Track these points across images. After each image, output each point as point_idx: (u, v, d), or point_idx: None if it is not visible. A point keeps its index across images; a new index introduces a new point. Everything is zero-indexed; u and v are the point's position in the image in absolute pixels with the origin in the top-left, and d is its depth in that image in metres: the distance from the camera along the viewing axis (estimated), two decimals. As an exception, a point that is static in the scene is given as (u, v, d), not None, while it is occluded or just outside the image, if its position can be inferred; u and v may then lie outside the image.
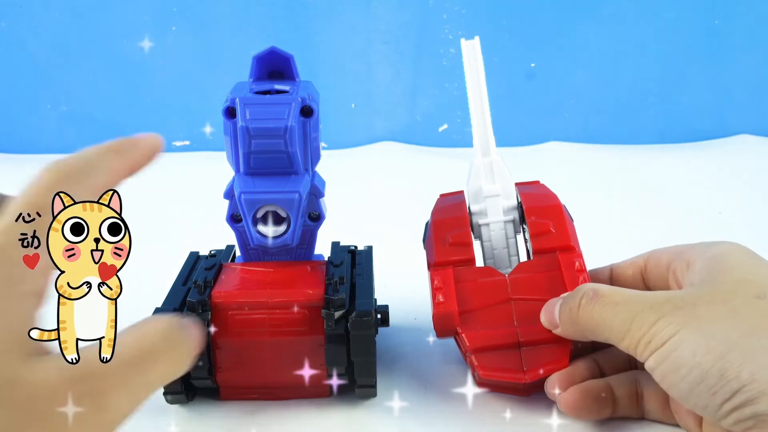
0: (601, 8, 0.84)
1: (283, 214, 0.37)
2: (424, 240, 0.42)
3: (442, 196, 0.44)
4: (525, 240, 0.42)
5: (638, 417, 0.36)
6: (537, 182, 0.44)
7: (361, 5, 0.83)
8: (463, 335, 0.37)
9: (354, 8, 0.83)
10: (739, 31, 0.85)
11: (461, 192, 0.44)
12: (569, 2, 0.83)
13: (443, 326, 0.38)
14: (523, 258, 0.42)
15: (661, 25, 0.85)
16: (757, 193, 0.72)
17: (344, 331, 0.35)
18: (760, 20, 0.85)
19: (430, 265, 0.40)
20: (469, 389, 0.39)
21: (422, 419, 0.37)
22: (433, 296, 0.38)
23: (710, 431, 0.32)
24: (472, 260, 0.40)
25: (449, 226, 0.41)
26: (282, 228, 0.38)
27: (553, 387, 0.35)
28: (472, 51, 0.43)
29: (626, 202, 0.70)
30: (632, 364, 0.37)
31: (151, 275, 0.41)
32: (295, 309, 0.36)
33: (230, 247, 0.43)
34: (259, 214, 0.37)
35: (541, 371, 0.35)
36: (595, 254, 0.42)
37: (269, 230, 0.38)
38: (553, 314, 0.35)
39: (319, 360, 0.36)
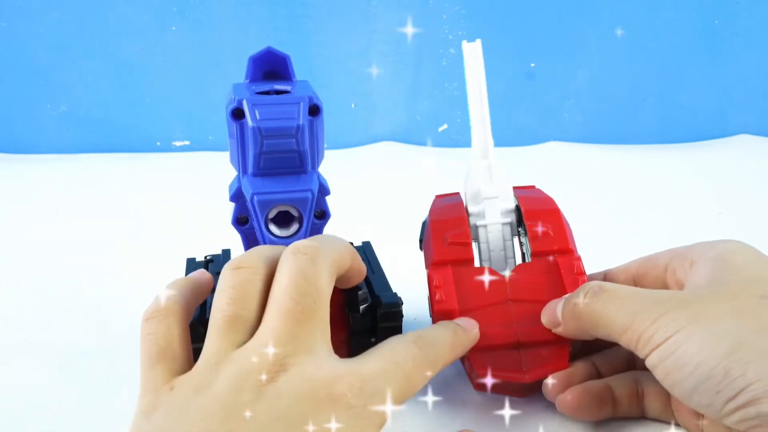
0: (601, 8, 0.84)
1: (294, 213, 0.37)
2: (420, 240, 0.42)
3: (437, 197, 0.44)
4: (521, 243, 0.42)
5: (638, 416, 0.36)
6: (533, 186, 0.44)
7: (361, 5, 0.83)
8: None
9: (354, 8, 0.83)
10: (739, 31, 0.85)
11: (457, 193, 0.44)
12: (569, 2, 0.83)
13: None
14: (519, 261, 0.42)
15: (661, 25, 0.85)
16: (757, 193, 0.72)
17: (370, 324, 0.35)
18: (760, 20, 0.85)
19: (429, 264, 0.40)
20: (469, 390, 0.39)
21: (422, 419, 0.37)
22: (432, 295, 0.38)
23: (712, 430, 0.32)
24: (471, 260, 0.40)
25: (448, 226, 0.41)
26: (294, 227, 0.38)
27: (552, 388, 0.35)
28: (473, 53, 0.43)
29: (626, 202, 0.70)
30: (631, 366, 0.37)
31: (151, 276, 0.41)
32: None
33: (227, 252, 0.43)
34: (271, 215, 0.37)
35: (542, 371, 0.35)
36: (594, 254, 0.42)
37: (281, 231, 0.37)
38: (555, 313, 0.35)
39: (341, 356, 0.36)
